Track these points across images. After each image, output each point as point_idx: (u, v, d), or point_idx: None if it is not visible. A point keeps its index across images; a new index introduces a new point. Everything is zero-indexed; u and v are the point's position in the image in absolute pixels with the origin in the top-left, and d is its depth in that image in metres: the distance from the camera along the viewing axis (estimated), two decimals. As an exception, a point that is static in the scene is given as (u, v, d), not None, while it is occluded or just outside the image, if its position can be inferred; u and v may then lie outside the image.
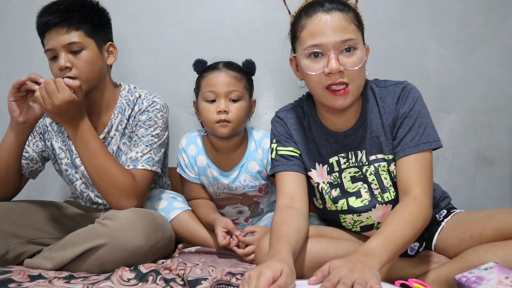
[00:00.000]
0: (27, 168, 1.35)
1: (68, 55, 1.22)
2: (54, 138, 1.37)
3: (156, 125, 1.32)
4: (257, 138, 1.42)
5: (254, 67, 1.39)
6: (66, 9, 1.23)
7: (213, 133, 1.36)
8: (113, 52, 1.35)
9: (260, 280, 0.75)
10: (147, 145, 1.29)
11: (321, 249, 1.00)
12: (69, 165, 1.36)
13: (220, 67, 1.34)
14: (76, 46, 1.22)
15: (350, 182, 1.14)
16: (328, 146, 1.15)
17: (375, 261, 0.82)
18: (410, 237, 0.93)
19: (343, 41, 1.00)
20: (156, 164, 1.30)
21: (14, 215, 1.21)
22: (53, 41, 1.22)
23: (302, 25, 1.05)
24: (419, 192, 1.00)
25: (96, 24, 1.28)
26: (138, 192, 1.22)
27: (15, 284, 0.97)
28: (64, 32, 1.22)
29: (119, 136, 1.33)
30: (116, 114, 1.34)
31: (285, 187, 1.13)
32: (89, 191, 1.38)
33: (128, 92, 1.37)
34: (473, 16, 1.68)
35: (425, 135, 1.06)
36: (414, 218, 0.95)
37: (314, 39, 1.01)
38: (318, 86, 1.04)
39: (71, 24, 1.22)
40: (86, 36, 1.24)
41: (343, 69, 1.00)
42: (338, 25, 1.00)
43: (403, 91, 1.10)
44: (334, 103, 1.04)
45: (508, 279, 0.81)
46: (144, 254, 1.09)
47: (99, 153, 1.18)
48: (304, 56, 1.04)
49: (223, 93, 1.30)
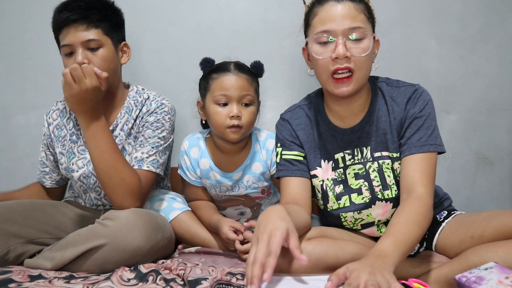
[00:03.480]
0: (51, 181, 1.45)
1: (85, 51, 1.23)
2: (56, 144, 1.38)
3: (164, 127, 1.32)
4: (261, 139, 1.40)
5: (263, 69, 1.35)
6: (86, 6, 1.24)
7: (221, 137, 1.34)
8: (127, 51, 1.37)
9: (272, 242, 0.83)
10: (153, 146, 1.29)
11: (323, 251, 1.00)
12: (66, 169, 1.37)
13: (232, 69, 1.29)
14: (94, 43, 1.24)
15: (354, 179, 1.16)
16: (334, 142, 1.17)
17: (390, 264, 0.83)
18: (417, 237, 0.94)
19: (352, 28, 1.03)
20: (160, 167, 1.30)
21: (15, 215, 1.21)
22: (71, 37, 1.23)
23: (314, 13, 1.09)
24: (424, 192, 1.01)
25: (113, 23, 1.30)
26: (141, 193, 1.23)
27: (15, 284, 0.97)
28: (84, 29, 1.23)
29: (124, 136, 1.34)
30: (123, 114, 1.34)
31: (288, 191, 1.16)
32: (89, 193, 1.38)
33: (136, 93, 1.38)
34: (473, 16, 1.69)
35: (432, 137, 1.07)
36: (421, 218, 0.97)
37: (324, 25, 1.05)
38: (324, 72, 1.07)
39: (90, 21, 1.23)
40: (104, 34, 1.26)
41: (349, 54, 1.03)
42: (348, 13, 1.04)
43: (414, 93, 1.12)
44: (337, 91, 1.07)
45: (508, 279, 0.81)
46: (144, 254, 1.09)
47: (111, 149, 1.19)
48: (313, 41, 1.08)
49: (236, 97, 1.27)
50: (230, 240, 1.23)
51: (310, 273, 0.96)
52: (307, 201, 1.15)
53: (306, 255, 0.99)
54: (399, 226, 0.94)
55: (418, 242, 0.95)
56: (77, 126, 1.37)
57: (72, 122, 1.38)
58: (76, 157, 1.35)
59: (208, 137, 1.42)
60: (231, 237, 1.22)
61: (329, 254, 1.01)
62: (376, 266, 0.80)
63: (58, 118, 1.41)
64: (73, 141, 1.36)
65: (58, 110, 1.42)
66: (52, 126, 1.40)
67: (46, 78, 1.71)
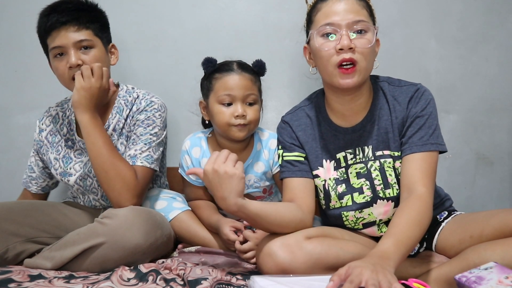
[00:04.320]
0: (37, 186, 1.45)
1: (78, 52, 1.24)
2: (50, 150, 1.39)
3: (155, 124, 1.32)
4: (264, 139, 1.41)
5: (265, 67, 1.36)
6: (75, 8, 1.26)
7: (226, 136, 1.34)
8: (115, 53, 1.38)
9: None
10: (145, 143, 1.30)
11: (323, 251, 1.00)
12: (62, 174, 1.37)
13: (235, 68, 1.30)
14: (86, 44, 1.25)
15: (356, 178, 1.16)
16: (336, 142, 1.17)
17: (391, 265, 0.84)
18: (418, 237, 0.95)
19: (355, 21, 1.05)
20: (155, 162, 1.31)
21: (14, 214, 1.22)
22: (63, 39, 1.23)
23: (317, 8, 1.11)
24: (424, 191, 1.01)
25: (102, 24, 1.31)
26: (138, 188, 1.23)
27: (15, 284, 0.97)
28: (75, 30, 1.24)
29: (116, 136, 1.34)
30: (114, 114, 1.34)
31: (288, 191, 1.17)
32: (87, 194, 1.39)
33: (126, 92, 1.38)
34: (473, 16, 1.69)
35: (433, 136, 1.08)
36: (422, 218, 0.97)
37: (328, 18, 1.07)
38: (329, 64, 1.07)
39: (81, 23, 1.25)
40: (94, 35, 1.27)
41: (354, 46, 1.04)
42: (352, 7, 1.06)
43: (416, 92, 1.12)
44: (342, 82, 1.07)
45: (508, 279, 0.81)
46: (143, 252, 1.09)
47: (108, 145, 1.22)
48: (317, 34, 1.09)
49: (240, 97, 1.28)
50: (231, 241, 1.23)
51: (310, 273, 0.96)
52: (307, 200, 1.14)
53: (307, 255, 0.99)
54: (400, 226, 0.94)
55: (419, 242, 0.96)
56: (71, 131, 1.38)
57: (66, 127, 1.39)
58: (73, 161, 1.36)
59: (210, 136, 1.42)
60: (232, 238, 1.22)
61: (329, 254, 1.01)
62: (378, 265, 0.80)
63: (51, 124, 1.42)
64: (69, 147, 1.38)
65: (51, 116, 1.42)
66: (45, 132, 1.41)
67: (46, 78, 1.70)
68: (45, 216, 1.29)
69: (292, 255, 0.98)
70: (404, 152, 1.10)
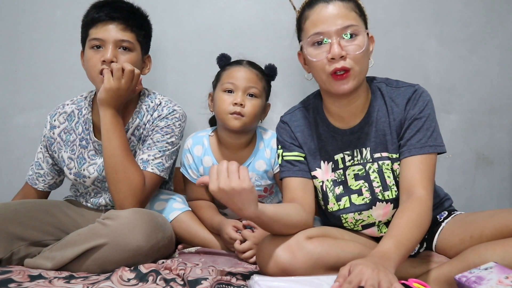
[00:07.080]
0: (44, 184, 1.44)
1: (116, 50, 1.25)
2: (63, 148, 1.38)
3: (173, 133, 1.33)
4: (266, 138, 1.42)
5: (276, 72, 1.43)
6: (128, 9, 1.30)
7: (224, 125, 1.36)
8: (148, 64, 1.39)
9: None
10: (160, 150, 1.30)
11: (324, 251, 1.00)
12: (77, 175, 1.36)
13: (244, 63, 1.37)
14: (127, 45, 1.26)
15: (354, 180, 1.15)
16: (334, 143, 1.17)
17: (391, 265, 0.85)
18: (418, 239, 0.95)
19: (344, 27, 1.03)
20: (165, 171, 1.31)
21: (19, 216, 1.21)
22: (106, 33, 1.25)
23: (305, 16, 1.09)
24: (424, 193, 1.01)
25: (146, 33, 1.35)
26: (143, 195, 1.23)
27: (15, 284, 0.97)
28: (121, 29, 1.26)
29: (135, 141, 1.35)
30: (134, 118, 1.34)
31: (288, 191, 1.16)
32: (102, 193, 1.38)
33: (148, 97, 1.38)
34: (473, 16, 1.69)
35: (432, 138, 1.07)
36: (422, 220, 0.97)
37: (316, 27, 1.05)
38: (322, 72, 1.07)
39: (129, 24, 1.27)
40: (136, 40, 1.29)
41: (345, 53, 1.03)
42: (339, 12, 1.04)
43: (414, 93, 1.11)
44: (337, 88, 1.06)
45: (508, 279, 0.81)
46: (144, 254, 1.09)
47: (124, 146, 1.23)
48: (308, 44, 1.08)
49: (242, 87, 1.32)
50: (233, 239, 1.24)
51: (311, 273, 0.96)
52: (307, 200, 1.14)
53: (307, 255, 0.99)
54: (401, 228, 0.94)
55: (418, 243, 0.96)
56: (86, 130, 1.36)
57: (82, 126, 1.37)
58: (87, 162, 1.35)
59: (212, 135, 1.44)
60: (234, 236, 1.24)
61: (330, 254, 1.00)
62: (379, 265, 0.80)
63: (65, 121, 1.39)
64: (83, 146, 1.36)
65: (66, 114, 1.40)
66: (59, 129, 1.39)
67: (46, 78, 1.71)
68: (49, 217, 1.28)
69: (293, 255, 0.98)
70: (402, 155, 1.09)
